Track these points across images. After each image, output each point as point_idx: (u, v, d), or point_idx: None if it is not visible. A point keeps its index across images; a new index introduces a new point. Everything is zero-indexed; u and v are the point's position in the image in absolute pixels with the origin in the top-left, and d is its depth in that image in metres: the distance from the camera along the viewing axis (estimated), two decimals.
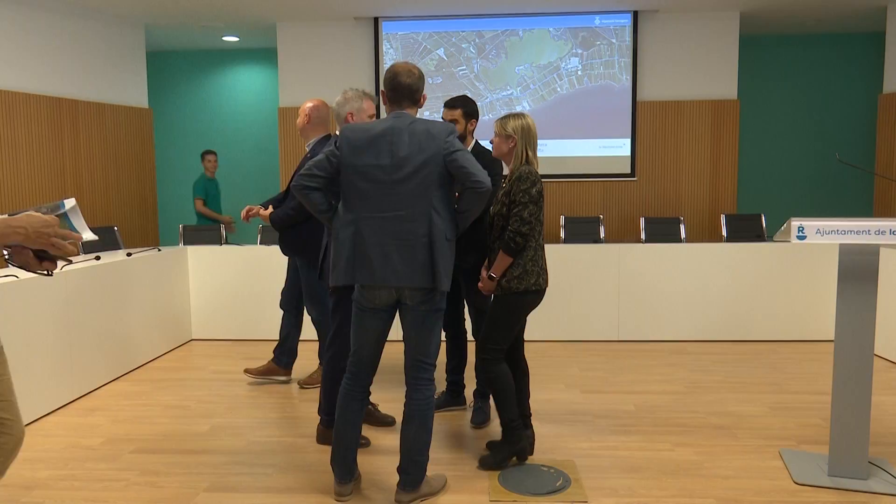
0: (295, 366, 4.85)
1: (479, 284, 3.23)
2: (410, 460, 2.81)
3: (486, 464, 3.19)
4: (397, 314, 2.86)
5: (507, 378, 3.15)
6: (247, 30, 8.09)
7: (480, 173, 2.66)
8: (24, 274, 3.94)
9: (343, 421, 2.86)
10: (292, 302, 4.42)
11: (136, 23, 7.52)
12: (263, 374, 4.49)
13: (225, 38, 8.59)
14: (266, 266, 5.62)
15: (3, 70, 6.01)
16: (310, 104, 3.89)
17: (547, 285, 3.19)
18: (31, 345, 3.82)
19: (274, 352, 4.52)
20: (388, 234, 2.69)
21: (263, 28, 7.97)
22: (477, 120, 3.71)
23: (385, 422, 3.79)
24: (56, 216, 1.78)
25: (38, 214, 1.74)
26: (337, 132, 3.44)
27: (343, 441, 2.86)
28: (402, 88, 2.78)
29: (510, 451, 3.21)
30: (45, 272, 1.78)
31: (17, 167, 6.11)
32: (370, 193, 2.71)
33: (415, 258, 2.68)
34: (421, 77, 2.82)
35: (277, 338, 4.54)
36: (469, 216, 2.78)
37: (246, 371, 4.54)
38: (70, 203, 1.92)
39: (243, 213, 4.03)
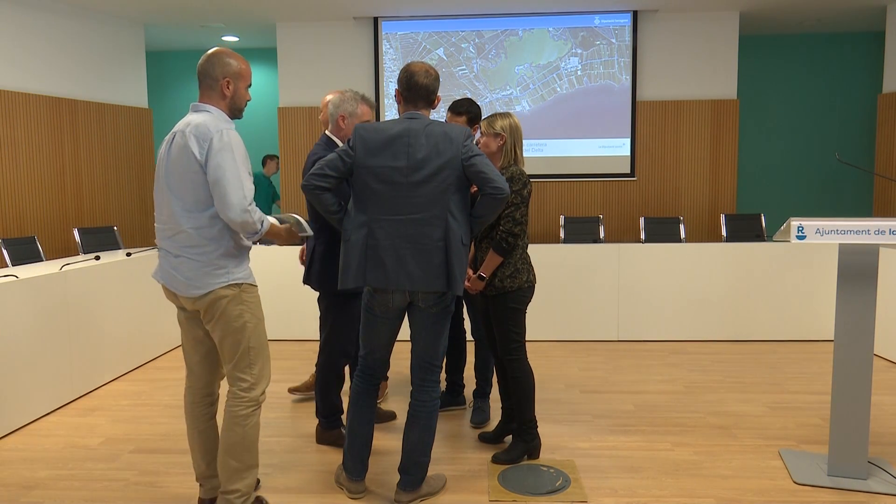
0: (290, 368, 4.86)
1: (467, 283, 3.23)
2: (412, 461, 2.81)
3: (500, 460, 3.23)
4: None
5: (531, 378, 3.22)
6: (247, 30, 8.09)
7: (499, 179, 2.65)
8: (23, 273, 3.95)
9: (358, 418, 2.85)
10: None
11: (136, 23, 7.52)
12: (309, 390, 4.17)
13: (225, 38, 8.58)
14: (266, 265, 5.61)
15: (3, 70, 6.01)
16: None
17: (535, 281, 3.25)
18: (31, 345, 3.82)
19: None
20: (402, 238, 2.66)
21: (263, 28, 7.97)
22: (479, 124, 3.73)
23: (387, 418, 3.79)
24: (302, 236, 2.75)
25: (293, 230, 2.71)
26: (326, 131, 3.39)
27: (358, 438, 2.85)
28: (418, 88, 2.74)
29: (525, 448, 3.25)
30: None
31: (17, 167, 6.11)
32: (385, 195, 2.67)
33: (430, 262, 2.65)
34: (437, 78, 2.80)
35: (278, 338, 4.50)
36: (485, 221, 2.76)
37: (291, 390, 4.15)
38: (309, 230, 2.76)
39: None
